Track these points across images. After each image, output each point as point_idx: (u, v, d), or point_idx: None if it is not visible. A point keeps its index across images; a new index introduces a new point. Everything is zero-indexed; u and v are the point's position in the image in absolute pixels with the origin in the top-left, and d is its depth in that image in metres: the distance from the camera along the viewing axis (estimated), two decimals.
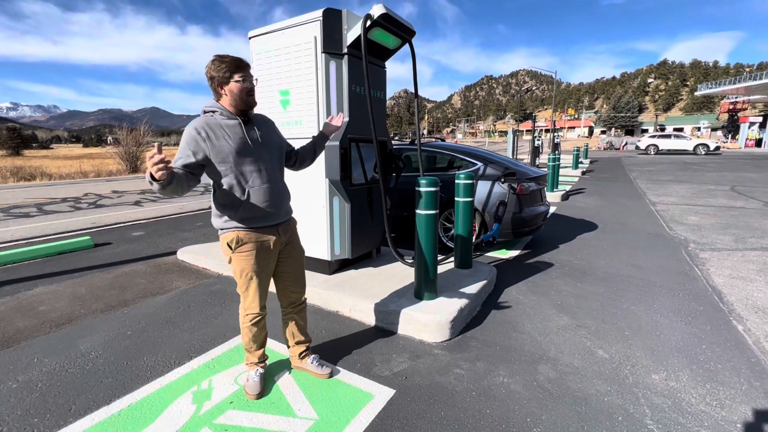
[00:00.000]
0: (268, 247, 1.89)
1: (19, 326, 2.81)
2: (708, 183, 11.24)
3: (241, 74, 1.75)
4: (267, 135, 1.90)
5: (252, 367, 2.08)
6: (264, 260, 1.89)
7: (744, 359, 2.35)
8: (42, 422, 1.82)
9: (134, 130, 18.35)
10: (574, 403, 1.95)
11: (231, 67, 1.73)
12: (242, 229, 1.82)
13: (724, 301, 3.21)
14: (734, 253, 4.54)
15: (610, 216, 6.77)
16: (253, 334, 2.00)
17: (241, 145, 1.77)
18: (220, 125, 1.76)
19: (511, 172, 4.54)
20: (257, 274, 1.88)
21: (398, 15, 3.05)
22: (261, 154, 1.84)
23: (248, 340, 2.02)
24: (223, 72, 1.73)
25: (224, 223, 1.83)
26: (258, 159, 1.82)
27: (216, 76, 1.74)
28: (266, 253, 1.90)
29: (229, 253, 1.86)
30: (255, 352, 2.07)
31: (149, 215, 7.33)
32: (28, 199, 9.57)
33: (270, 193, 1.85)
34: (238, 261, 1.86)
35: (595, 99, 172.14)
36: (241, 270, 1.87)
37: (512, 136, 16.12)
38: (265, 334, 2.09)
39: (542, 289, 3.48)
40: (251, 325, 1.97)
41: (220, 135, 1.74)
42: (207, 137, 1.72)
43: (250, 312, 1.95)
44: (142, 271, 4.04)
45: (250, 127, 1.84)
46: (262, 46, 3.34)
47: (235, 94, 1.76)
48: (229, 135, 1.75)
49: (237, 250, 1.84)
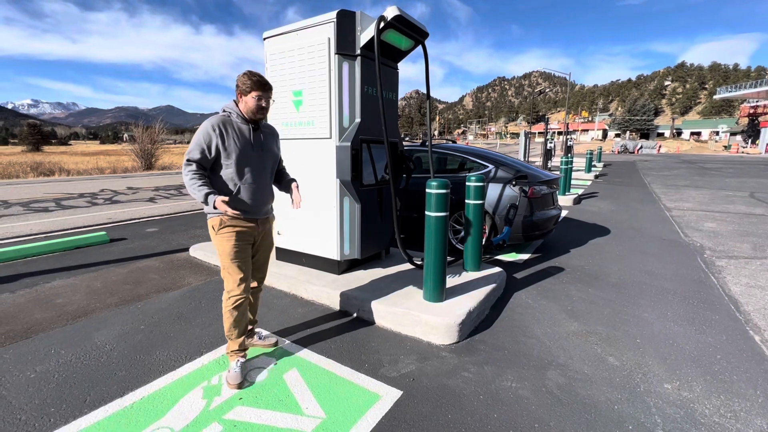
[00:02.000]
0: (246, 233, 2.10)
1: (37, 318, 2.89)
2: (726, 189, 10.97)
3: (260, 93, 2.02)
4: (269, 144, 2.19)
5: (233, 357, 2.16)
6: (243, 242, 2.09)
7: (761, 371, 2.29)
8: (58, 412, 1.87)
9: (149, 128, 18.71)
10: (583, 411, 1.93)
11: (254, 85, 2.01)
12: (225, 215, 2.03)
13: (741, 311, 3.13)
14: (752, 261, 4.43)
15: (623, 221, 6.66)
16: (234, 318, 2.10)
17: (246, 146, 2.05)
18: (233, 126, 2.03)
19: (523, 175, 4.50)
20: (237, 254, 2.07)
21: (411, 16, 3.06)
22: (260, 158, 2.11)
23: (229, 326, 2.12)
24: (246, 86, 2.01)
25: (212, 208, 1.99)
26: (256, 162, 2.09)
27: (240, 86, 2.03)
28: (244, 237, 2.10)
29: (213, 234, 2.08)
30: (236, 339, 2.16)
31: (163, 212, 7.47)
32: (46, 194, 9.84)
33: (257, 193, 2.10)
34: (220, 241, 2.06)
35: (610, 101, 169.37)
36: (223, 250, 2.06)
37: (524, 138, 15.96)
38: (247, 322, 2.21)
39: (552, 294, 3.44)
40: (233, 308, 2.08)
41: (231, 134, 2.00)
42: (220, 133, 1.98)
43: (233, 294, 2.07)
44: (156, 267, 4.12)
45: (257, 134, 2.12)
46: (276, 46, 3.38)
47: (249, 106, 2.04)
48: (238, 136, 2.03)
49: (219, 231, 2.05)
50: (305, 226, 3.49)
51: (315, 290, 3.22)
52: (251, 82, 2.00)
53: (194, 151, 1.95)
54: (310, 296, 3.26)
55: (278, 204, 3.64)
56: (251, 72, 2.04)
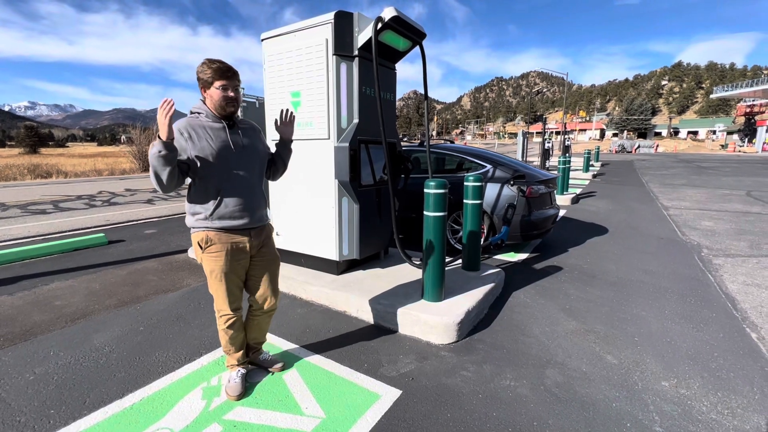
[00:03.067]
0: (238, 249, 1.87)
1: (36, 320, 2.89)
2: (723, 187, 11.02)
3: (224, 82, 1.76)
4: (251, 142, 1.92)
5: (233, 368, 2.07)
6: (234, 261, 1.87)
7: (757, 368, 2.31)
8: (58, 413, 1.87)
9: (147, 129, 18.70)
10: (581, 409, 1.94)
11: (215, 73, 1.75)
12: (211, 229, 1.82)
13: (738, 309, 3.15)
14: (749, 259, 4.45)
15: (621, 220, 6.68)
16: (230, 337, 1.98)
17: (223, 148, 1.79)
18: (203, 126, 1.78)
19: (521, 174, 4.51)
20: (226, 276, 1.86)
21: (409, 17, 3.07)
22: (242, 159, 1.85)
23: (225, 343, 2.01)
24: (207, 76, 1.76)
25: (195, 221, 1.83)
26: (238, 164, 1.84)
27: (201, 77, 1.78)
28: (237, 255, 1.87)
29: (199, 253, 1.87)
30: (234, 354, 2.06)
31: (161, 213, 7.46)
32: (44, 196, 9.82)
33: (244, 199, 1.85)
34: (207, 261, 1.85)
35: (607, 101, 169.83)
36: (211, 270, 1.86)
37: (522, 138, 15.99)
38: (243, 336, 2.08)
39: (551, 293, 3.45)
40: (226, 328, 1.95)
41: (202, 136, 1.76)
42: (189, 137, 1.74)
43: (224, 314, 1.93)
44: (154, 269, 4.12)
45: (234, 131, 1.86)
46: (274, 48, 3.38)
47: (214, 99, 1.78)
48: (211, 137, 1.77)
49: (206, 250, 1.83)
50: (304, 226, 3.49)
51: (314, 291, 3.23)
52: (211, 70, 1.74)
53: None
54: (309, 297, 3.26)
55: (275, 204, 3.66)
56: (210, 59, 1.77)
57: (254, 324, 2.12)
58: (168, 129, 1.58)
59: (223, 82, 1.76)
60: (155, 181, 1.67)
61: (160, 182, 1.66)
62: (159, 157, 1.59)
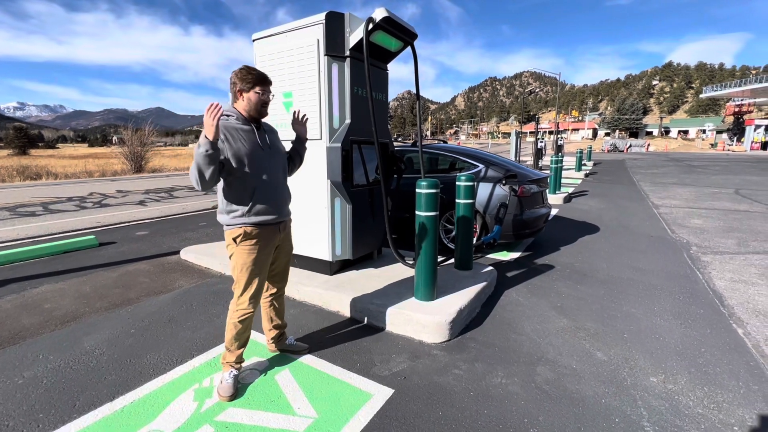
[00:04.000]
0: (269, 243, 2.02)
1: (25, 323, 2.85)
2: (712, 186, 11.18)
3: (263, 88, 1.94)
4: (275, 142, 2.10)
5: (227, 368, 2.07)
6: (264, 255, 2.01)
7: (743, 363, 2.35)
8: (47, 417, 1.86)
9: (139, 130, 18.48)
10: (571, 405, 1.97)
11: (256, 79, 1.93)
12: (249, 225, 1.94)
13: (725, 305, 3.20)
14: (736, 256, 4.53)
15: (613, 218, 6.76)
16: (238, 331, 2.03)
17: (255, 149, 1.95)
18: (236, 129, 1.92)
19: (513, 174, 4.55)
20: (255, 268, 1.98)
21: (400, 18, 3.08)
22: (270, 158, 2.02)
23: (231, 337, 2.03)
24: (248, 82, 1.92)
25: (231, 219, 1.94)
26: (268, 162, 2.00)
27: (240, 83, 1.92)
28: (267, 248, 2.02)
29: (232, 247, 1.97)
30: (235, 351, 2.07)
31: (153, 215, 7.40)
32: (34, 198, 9.68)
33: (275, 194, 2.02)
34: (240, 254, 1.95)
35: (600, 101, 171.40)
36: (243, 263, 1.96)
37: (515, 138, 16.09)
38: (248, 336, 2.12)
39: (542, 291, 3.49)
40: (238, 321, 2.01)
41: (237, 138, 1.90)
42: (225, 139, 1.87)
43: (242, 307, 2.00)
44: (146, 270, 4.08)
45: (261, 133, 2.02)
46: (265, 48, 3.38)
47: (252, 102, 1.94)
48: (244, 139, 1.92)
49: (241, 243, 1.95)
50: (297, 227, 3.47)
51: (307, 291, 3.23)
52: (252, 76, 1.91)
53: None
54: (302, 297, 3.26)
55: None
56: (249, 67, 1.96)
57: (272, 308, 2.31)
58: (215, 130, 1.69)
59: (262, 87, 1.94)
60: (197, 178, 1.76)
61: (202, 179, 1.76)
62: (206, 156, 1.70)
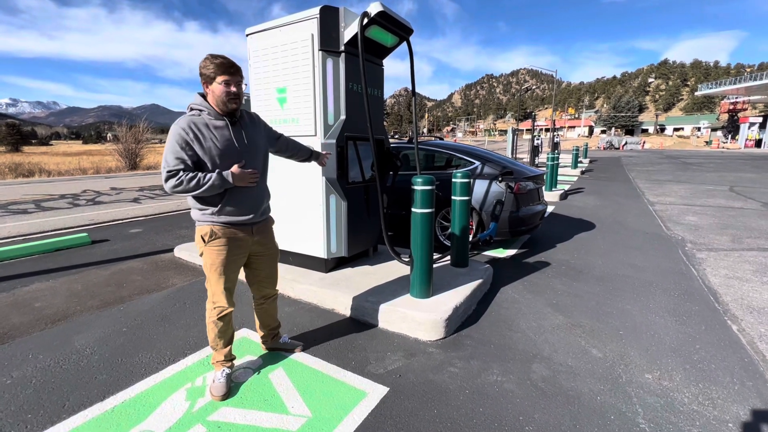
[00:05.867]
0: (239, 245, 1.94)
1: (14, 322, 2.81)
2: (707, 183, 11.24)
3: (227, 78, 1.76)
4: (253, 136, 1.95)
5: (218, 367, 2.04)
6: (234, 256, 1.93)
7: (737, 359, 2.36)
8: (36, 418, 1.82)
9: (133, 127, 18.30)
10: (566, 402, 1.96)
11: (218, 68, 1.75)
12: (217, 223, 1.87)
13: (720, 301, 3.21)
14: (731, 253, 4.55)
15: (608, 215, 6.78)
16: (219, 330, 1.97)
17: (229, 147, 1.82)
18: (207, 125, 1.79)
19: (509, 171, 4.53)
20: (225, 269, 1.91)
21: (396, 13, 3.04)
22: (246, 156, 1.89)
23: (214, 336, 1.99)
24: (210, 71, 1.76)
25: (201, 215, 1.87)
26: (242, 160, 1.87)
27: (204, 73, 1.78)
28: (237, 250, 1.94)
29: (201, 246, 1.90)
30: (221, 349, 2.04)
31: (147, 212, 7.33)
32: (26, 195, 9.56)
33: (249, 194, 1.91)
34: (209, 254, 1.89)
35: (596, 98, 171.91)
36: (212, 263, 1.90)
37: (512, 135, 16.10)
38: (232, 332, 2.08)
39: (538, 288, 3.48)
40: (217, 320, 1.95)
41: (207, 136, 1.77)
42: (195, 138, 1.75)
43: (218, 305, 1.94)
44: (139, 268, 4.04)
45: (237, 128, 1.87)
46: (259, 43, 3.33)
47: (216, 95, 1.78)
48: (216, 137, 1.79)
49: (209, 243, 1.87)
50: (292, 224, 3.45)
51: (302, 289, 3.20)
52: (214, 65, 1.74)
53: (172, 161, 1.70)
54: (297, 295, 3.23)
55: None
56: (213, 54, 1.78)
57: (263, 312, 2.26)
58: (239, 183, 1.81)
59: (226, 77, 1.75)
60: (192, 195, 1.78)
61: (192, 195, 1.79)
62: (214, 189, 1.76)
